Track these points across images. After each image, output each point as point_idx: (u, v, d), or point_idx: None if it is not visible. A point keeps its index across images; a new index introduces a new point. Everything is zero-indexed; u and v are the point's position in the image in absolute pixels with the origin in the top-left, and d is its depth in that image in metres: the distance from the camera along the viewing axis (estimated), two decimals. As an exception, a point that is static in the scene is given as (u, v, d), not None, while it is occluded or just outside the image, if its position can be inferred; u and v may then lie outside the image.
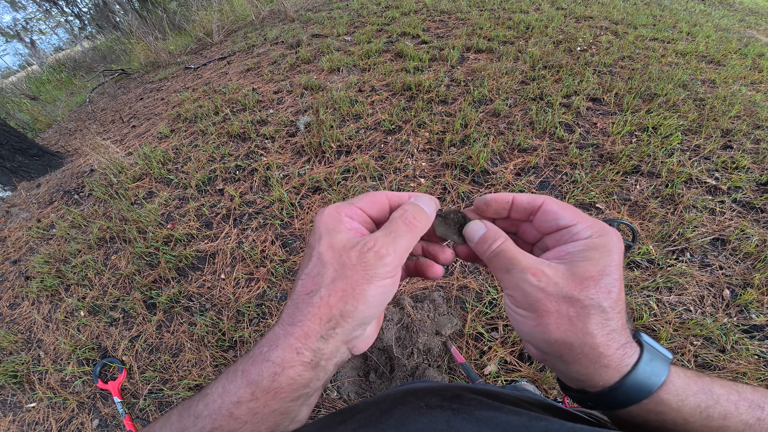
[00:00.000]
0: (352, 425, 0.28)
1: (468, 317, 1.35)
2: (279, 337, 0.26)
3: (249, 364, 0.26)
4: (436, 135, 2.20)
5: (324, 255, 0.27)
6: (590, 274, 0.25)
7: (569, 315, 0.25)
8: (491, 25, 3.66)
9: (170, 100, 3.53)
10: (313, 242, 0.28)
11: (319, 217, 0.30)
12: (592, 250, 0.26)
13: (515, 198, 0.31)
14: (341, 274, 0.26)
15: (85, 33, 9.76)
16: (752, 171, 1.77)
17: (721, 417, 0.25)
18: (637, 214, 1.62)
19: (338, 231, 0.28)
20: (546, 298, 0.25)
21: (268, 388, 0.25)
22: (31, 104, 5.24)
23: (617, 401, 0.25)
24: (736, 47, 3.15)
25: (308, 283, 0.26)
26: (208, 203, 2.06)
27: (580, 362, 0.25)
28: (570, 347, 0.25)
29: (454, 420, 0.26)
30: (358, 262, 0.26)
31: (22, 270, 2.04)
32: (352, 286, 0.26)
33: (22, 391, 1.51)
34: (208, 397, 0.26)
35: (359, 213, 0.31)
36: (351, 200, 0.31)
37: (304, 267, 0.28)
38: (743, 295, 1.29)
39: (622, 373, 0.25)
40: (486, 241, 0.30)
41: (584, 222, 0.28)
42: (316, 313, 0.25)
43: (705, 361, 1.16)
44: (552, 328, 0.25)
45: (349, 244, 0.27)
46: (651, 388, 0.25)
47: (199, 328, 1.51)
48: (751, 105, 2.25)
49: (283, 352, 0.25)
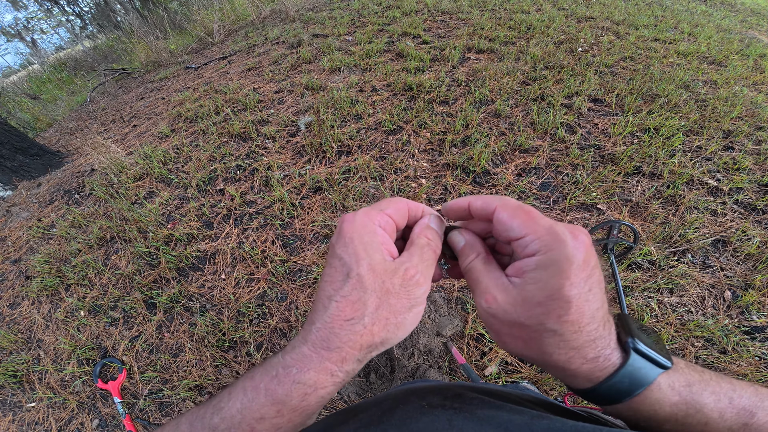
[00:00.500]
0: (354, 425, 0.28)
1: (469, 318, 1.35)
2: (312, 360, 0.26)
3: (274, 384, 0.26)
4: (437, 135, 2.20)
5: (365, 279, 0.25)
6: (538, 300, 0.24)
7: (522, 337, 0.25)
8: (492, 26, 3.66)
9: (171, 99, 3.53)
10: (347, 258, 0.26)
11: (349, 225, 0.27)
12: (540, 270, 0.24)
13: (470, 203, 0.29)
14: (385, 302, 0.26)
15: (86, 32, 9.76)
16: (754, 172, 1.77)
17: (701, 424, 0.26)
18: (638, 215, 1.62)
19: (375, 248, 0.27)
20: (497, 323, 0.26)
21: (296, 407, 0.25)
22: (31, 103, 5.24)
23: (593, 401, 0.27)
24: (738, 48, 3.15)
25: (347, 308, 0.25)
26: (208, 203, 2.06)
27: (548, 370, 0.26)
28: (533, 360, 0.26)
29: (456, 419, 0.27)
30: (401, 290, 0.26)
31: (22, 269, 2.04)
32: (395, 315, 0.26)
33: (21, 391, 1.51)
34: (223, 411, 0.27)
35: (390, 222, 0.30)
36: (379, 206, 0.30)
37: (337, 286, 0.26)
38: (744, 297, 1.28)
39: (593, 383, 0.25)
40: (461, 255, 0.30)
41: (534, 233, 0.25)
42: (358, 341, 0.25)
43: (706, 363, 1.15)
44: (510, 346, 0.27)
45: (390, 268, 0.27)
46: (619, 399, 0.25)
47: (199, 328, 1.51)
48: (753, 106, 2.25)
49: (317, 375, 0.25)
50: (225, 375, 1.39)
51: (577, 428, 0.24)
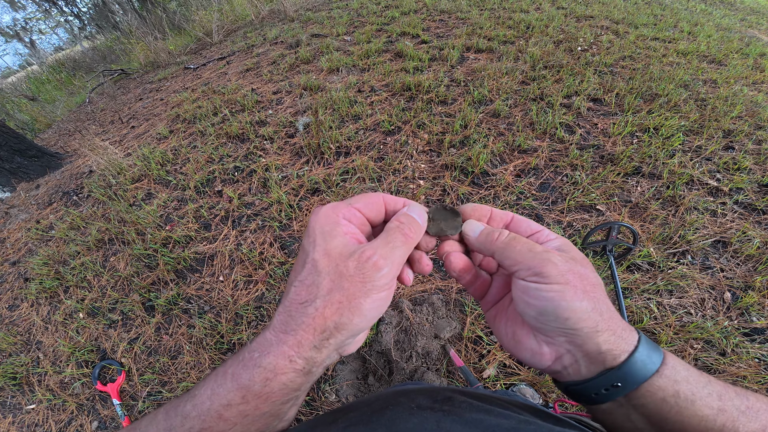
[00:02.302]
0: (343, 423, 0.28)
1: (467, 320, 1.34)
2: (271, 343, 0.26)
3: (239, 368, 0.26)
4: (435, 136, 2.19)
5: (319, 262, 0.26)
6: (579, 257, 0.28)
7: (586, 288, 0.27)
8: (491, 25, 3.64)
9: (169, 100, 3.52)
10: (308, 246, 0.27)
11: (314, 217, 0.29)
12: (565, 245, 0.30)
13: (493, 211, 0.34)
14: (338, 284, 0.26)
15: (85, 33, 9.75)
16: (754, 172, 1.76)
17: (718, 396, 0.26)
18: (638, 216, 1.61)
19: (334, 235, 0.27)
20: (570, 271, 0.27)
21: (259, 392, 0.25)
22: (30, 104, 5.23)
23: (641, 371, 0.25)
24: (738, 47, 3.13)
25: (302, 291, 0.26)
26: (206, 205, 2.05)
27: (610, 329, 0.26)
28: (600, 313, 0.26)
29: (445, 421, 0.27)
30: (356, 272, 0.26)
31: (21, 271, 2.03)
32: (348, 299, 0.25)
33: (21, 393, 1.51)
34: (196, 398, 0.27)
35: (357, 215, 0.30)
36: (348, 200, 0.30)
37: (297, 272, 0.27)
38: (744, 298, 1.28)
39: (635, 339, 0.27)
40: (492, 233, 0.31)
41: (546, 229, 0.32)
42: (311, 323, 0.25)
43: (705, 365, 1.15)
44: (586, 297, 0.26)
45: (346, 252, 0.26)
46: (660, 356, 0.26)
47: (197, 330, 1.51)
48: (753, 105, 2.24)
49: (276, 359, 0.25)
50: (223, 377, 1.39)
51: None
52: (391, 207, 0.32)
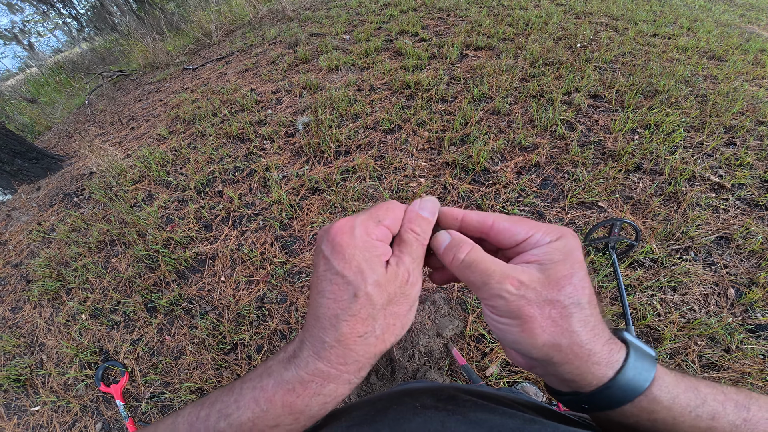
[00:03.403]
0: (347, 422, 0.29)
1: (469, 319, 1.34)
2: (330, 375, 0.26)
3: (293, 397, 0.26)
4: (435, 134, 2.19)
5: (373, 296, 0.26)
6: (563, 274, 0.25)
7: (552, 317, 0.25)
8: (490, 22, 3.63)
9: (169, 101, 3.52)
10: (353, 277, 0.25)
11: (349, 240, 0.26)
12: (557, 252, 0.26)
13: (464, 216, 0.30)
14: (390, 311, 0.27)
15: (83, 35, 9.75)
16: (756, 168, 1.76)
17: (710, 417, 0.25)
18: (640, 213, 1.61)
19: (378, 263, 0.27)
20: (527, 304, 0.25)
21: (315, 415, 0.27)
22: (30, 107, 5.23)
23: (611, 400, 0.25)
24: (738, 43, 3.12)
25: (358, 325, 0.26)
26: (207, 205, 2.05)
27: (571, 362, 0.25)
28: (558, 348, 0.25)
29: (449, 421, 0.27)
30: (401, 295, 0.27)
31: (23, 273, 2.04)
32: (399, 319, 0.27)
33: (25, 395, 1.51)
34: (231, 418, 0.27)
35: (387, 234, 0.29)
36: (377, 215, 0.29)
37: (344, 305, 0.25)
38: (748, 294, 1.27)
39: (614, 370, 0.25)
40: (450, 250, 0.28)
41: (540, 230, 0.27)
42: (372, 351, 0.26)
43: (709, 362, 1.15)
44: (538, 332, 0.25)
45: (391, 278, 0.27)
46: (643, 384, 0.25)
47: (199, 331, 1.51)
48: (754, 101, 2.23)
49: (337, 386, 0.26)
50: (226, 377, 1.38)
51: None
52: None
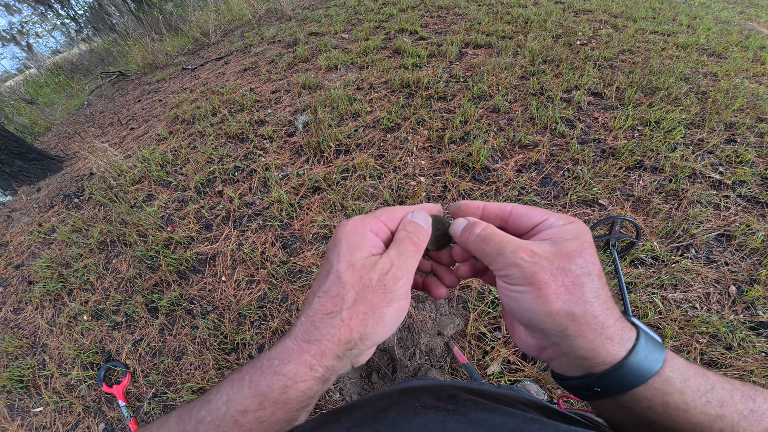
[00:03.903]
0: (347, 424, 0.28)
1: (470, 317, 1.34)
2: (292, 351, 0.26)
3: (257, 375, 0.26)
4: (435, 132, 2.18)
5: (343, 275, 0.27)
6: (573, 248, 0.26)
7: (565, 284, 0.25)
8: (489, 20, 3.63)
9: (168, 101, 3.52)
10: (332, 257, 0.28)
11: (341, 229, 0.29)
12: (568, 232, 0.28)
13: (485, 206, 0.32)
14: (362, 296, 0.26)
15: (82, 35, 9.73)
16: (757, 165, 1.75)
17: (719, 404, 0.25)
18: (640, 210, 1.61)
19: (360, 247, 0.28)
20: (541, 270, 0.26)
21: (277, 399, 0.26)
22: (29, 108, 5.23)
23: (625, 381, 0.25)
24: (737, 40, 3.11)
25: (327, 302, 0.26)
26: (207, 205, 2.05)
27: (584, 335, 0.25)
28: (572, 317, 0.25)
29: (449, 421, 0.27)
30: (378, 284, 0.27)
31: (24, 274, 2.04)
32: (372, 309, 0.26)
33: (28, 396, 1.52)
34: (210, 404, 0.27)
35: (384, 228, 0.31)
36: (374, 213, 0.31)
37: (321, 282, 0.28)
38: (750, 292, 1.27)
39: (626, 348, 0.25)
40: (467, 229, 0.31)
41: (553, 216, 0.29)
42: (336, 334, 0.26)
43: (711, 359, 1.15)
44: (553, 299, 0.25)
45: (369, 264, 0.27)
46: (656, 365, 0.25)
47: (201, 331, 1.51)
48: (754, 98, 2.23)
49: (297, 367, 0.26)
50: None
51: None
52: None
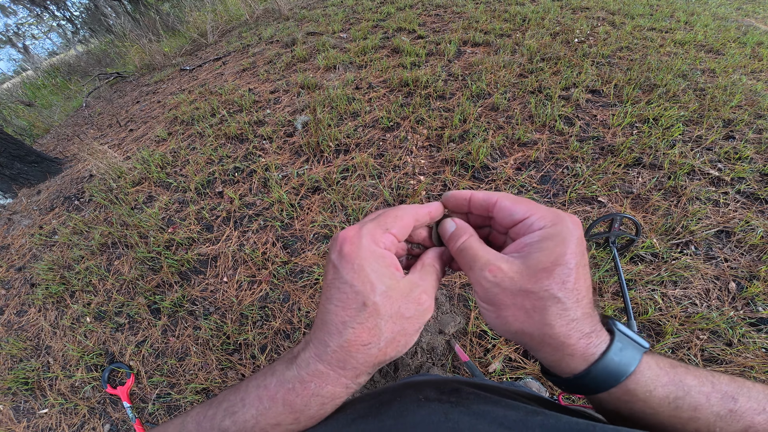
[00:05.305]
0: (352, 415, 0.29)
1: (471, 315, 1.35)
2: (329, 377, 0.27)
3: (292, 396, 0.27)
4: (434, 131, 2.19)
5: (380, 307, 0.26)
6: (543, 266, 0.25)
7: (525, 307, 0.25)
8: (487, 18, 3.62)
9: (167, 102, 3.51)
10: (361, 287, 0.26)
11: (355, 250, 0.26)
12: (546, 240, 0.26)
13: (472, 195, 0.32)
14: (400, 327, 0.27)
15: (78, 37, 9.69)
16: (755, 161, 1.76)
17: (691, 408, 0.25)
18: (640, 207, 1.61)
19: (387, 274, 0.27)
20: (502, 292, 0.26)
21: (313, 415, 0.28)
22: (27, 110, 5.21)
23: (585, 388, 0.26)
24: (735, 36, 3.12)
25: (363, 334, 0.26)
26: (207, 206, 2.05)
27: (544, 350, 0.26)
28: (530, 337, 0.26)
29: (452, 413, 0.27)
30: (415, 314, 0.27)
31: (26, 277, 2.04)
32: (406, 337, 0.28)
33: (33, 398, 1.53)
34: (236, 416, 0.28)
35: (395, 242, 0.30)
36: (384, 223, 0.29)
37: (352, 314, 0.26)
38: (749, 288, 1.28)
39: (588, 362, 0.26)
40: (453, 238, 0.31)
41: (537, 213, 0.28)
42: (372, 361, 0.27)
43: (712, 355, 1.16)
44: (510, 320, 0.26)
45: (404, 292, 0.27)
46: (618, 378, 0.25)
47: (203, 331, 1.52)
48: (753, 94, 2.23)
49: (334, 389, 0.27)
50: (231, 378, 1.39)
51: (570, 424, 0.24)
52: (420, 221, 0.32)
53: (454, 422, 0.26)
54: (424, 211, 0.32)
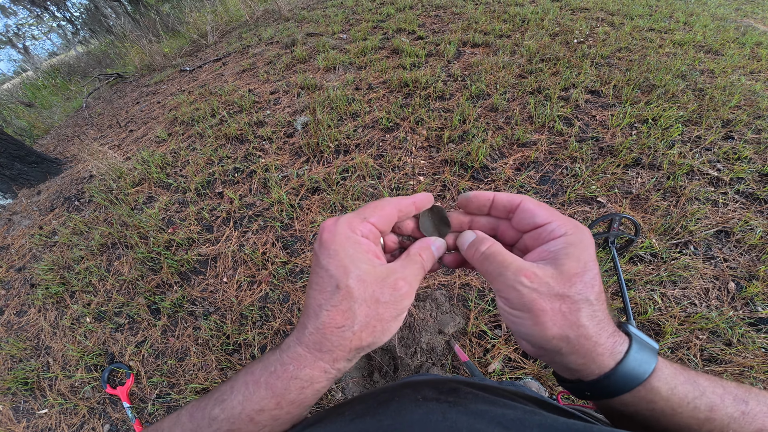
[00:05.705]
0: (350, 416, 0.29)
1: (471, 315, 1.35)
2: (307, 359, 0.28)
3: (273, 378, 0.28)
4: (434, 131, 2.19)
5: (354, 290, 0.27)
6: (575, 271, 0.26)
7: (562, 311, 0.26)
8: (487, 19, 3.63)
9: (167, 103, 3.52)
10: (334, 269, 0.27)
11: (330, 236, 0.28)
12: (571, 247, 0.27)
13: (496, 196, 0.33)
14: (374, 311, 0.27)
15: (79, 37, 9.70)
16: (754, 162, 1.76)
17: (708, 408, 0.26)
18: (639, 208, 1.62)
19: (362, 259, 0.28)
20: (540, 297, 0.26)
21: (294, 399, 0.28)
22: (27, 111, 5.22)
23: (611, 389, 0.26)
24: (734, 36, 3.12)
25: (337, 316, 0.27)
26: (207, 207, 2.06)
27: (577, 353, 0.26)
28: (567, 340, 0.26)
29: (450, 412, 0.27)
30: (391, 300, 0.28)
31: (26, 277, 2.04)
32: (382, 323, 0.28)
33: (33, 398, 1.53)
34: (225, 403, 0.28)
35: (373, 230, 0.31)
36: (362, 213, 0.31)
37: (326, 295, 0.27)
38: (749, 288, 1.28)
39: (615, 360, 0.26)
40: (475, 245, 0.31)
41: (558, 220, 0.29)
42: (348, 345, 0.27)
43: (711, 355, 1.16)
44: (549, 325, 0.26)
45: (379, 276, 0.28)
46: (643, 375, 0.26)
47: (203, 332, 1.52)
48: (751, 94, 2.24)
49: (312, 372, 0.28)
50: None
51: (568, 425, 0.24)
52: (404, 212, 0.33)
53: (451, 421, 0.26)
54: (407, 202, 0.32)
